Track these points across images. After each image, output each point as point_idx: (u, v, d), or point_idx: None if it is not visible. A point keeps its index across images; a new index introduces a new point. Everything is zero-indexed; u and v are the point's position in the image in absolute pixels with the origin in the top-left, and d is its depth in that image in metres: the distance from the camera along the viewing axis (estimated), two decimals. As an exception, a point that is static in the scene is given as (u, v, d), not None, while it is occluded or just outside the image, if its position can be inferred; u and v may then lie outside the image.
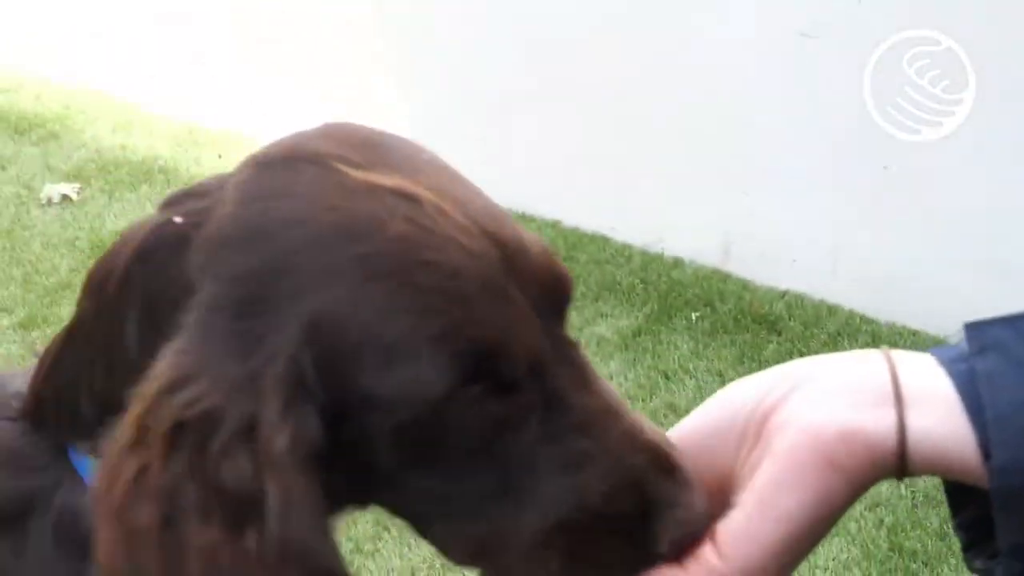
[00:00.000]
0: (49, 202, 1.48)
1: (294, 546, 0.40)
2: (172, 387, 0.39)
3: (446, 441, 0.41)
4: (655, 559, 0.40)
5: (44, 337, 1.33)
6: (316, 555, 0.40)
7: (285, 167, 0.42)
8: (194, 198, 0.42)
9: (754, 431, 0.43)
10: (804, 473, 0.40)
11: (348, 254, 0.40)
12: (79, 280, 1.18)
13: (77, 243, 1.37)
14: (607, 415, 0.42)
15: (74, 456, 0.48)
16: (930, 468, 0.41)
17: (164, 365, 0.39)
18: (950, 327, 0.45)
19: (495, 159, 2.04)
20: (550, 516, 0.41)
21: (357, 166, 0.42)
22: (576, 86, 2.06)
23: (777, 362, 0.43)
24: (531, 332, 0.41)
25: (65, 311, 1.44)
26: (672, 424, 0.44)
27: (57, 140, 1.60)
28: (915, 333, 1.63)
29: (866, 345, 1.68)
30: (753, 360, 1.48)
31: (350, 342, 0.40)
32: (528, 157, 2.18)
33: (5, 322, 1.26)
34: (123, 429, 0.38)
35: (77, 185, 1.52)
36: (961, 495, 0.44)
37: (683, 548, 0.40)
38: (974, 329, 0.42)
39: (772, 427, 0.42)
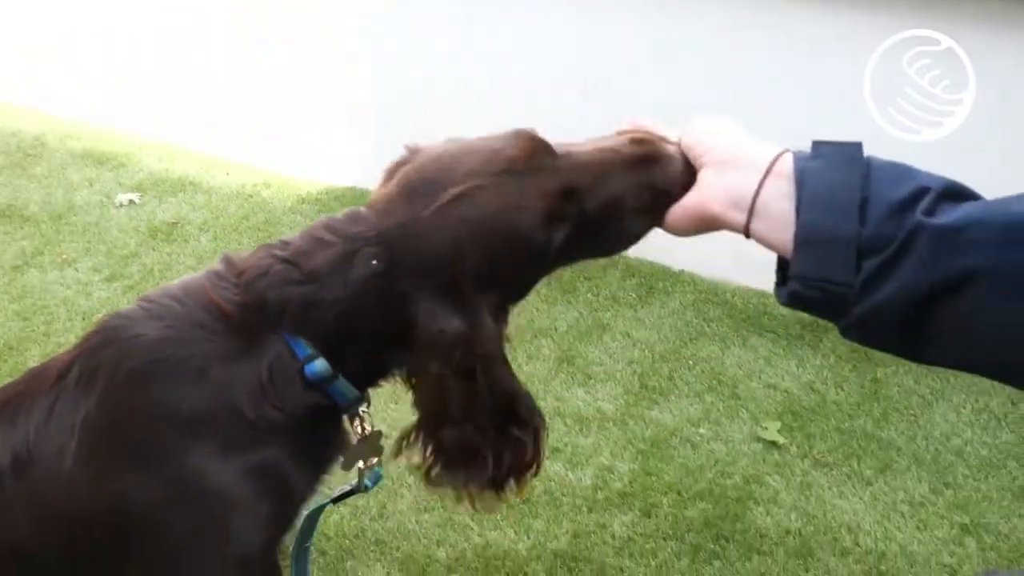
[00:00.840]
0: (120, 204, 2.07)
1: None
2: (455, 342, 0.81)
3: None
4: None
5: (123, 287, 1.86)
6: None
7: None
8: (345, 231, 0.84)
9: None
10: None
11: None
12: (143, 251, 1.91)
13: (138, 229, 1.98)
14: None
15: (287, 335, 0.85)
16: (765, 246, 0.71)
17: (442, 326, 0.82)
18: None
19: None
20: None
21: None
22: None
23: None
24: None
25: (135, 270, 1.87)
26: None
27: (124, 167, 2.20)
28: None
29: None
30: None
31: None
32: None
33: (97, 277, 1.82)
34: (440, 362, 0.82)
35: (138, 194, 2.11)
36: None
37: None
38: (815, 145, 0.70)
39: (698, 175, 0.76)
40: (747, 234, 0.74)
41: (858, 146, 0.72)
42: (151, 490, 0.93)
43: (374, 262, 0.87)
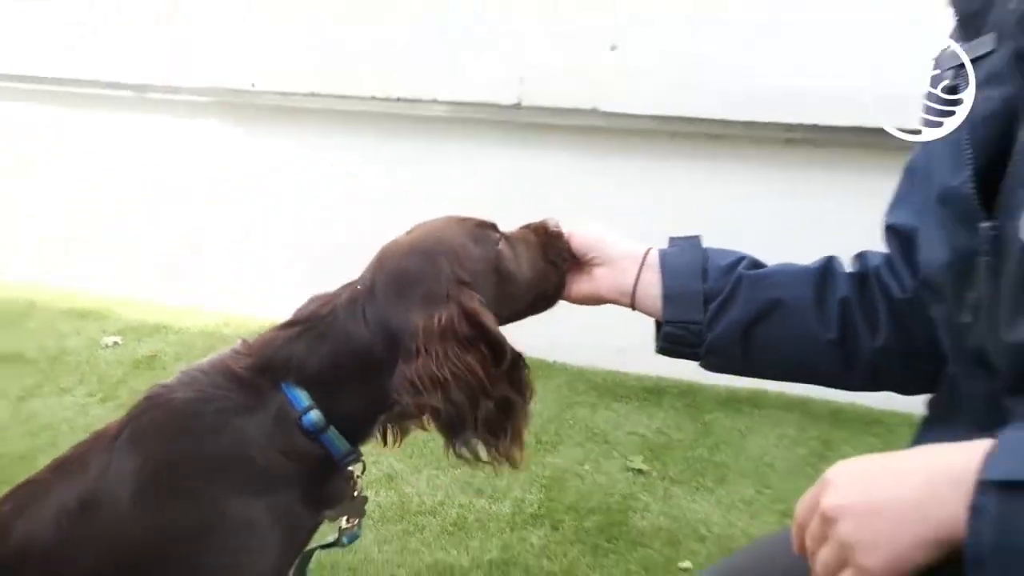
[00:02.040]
0: (106, 346, 2.38)
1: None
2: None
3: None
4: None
5: (115, 406, 2.09)
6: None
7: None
8: (346, 291, 0.97)
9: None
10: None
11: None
12: (129, 378, 2.29)
13: (123, 363, 2.29)
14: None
15: (286, 387, 0.97)
16: (645, 313, 0.95)
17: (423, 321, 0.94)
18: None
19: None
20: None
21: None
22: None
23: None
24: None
25: (123, 392, 2.14)
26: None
27: (106, 318, 2.52)
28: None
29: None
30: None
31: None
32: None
33: (91, 400, 2.12)
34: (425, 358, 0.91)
35: (120, 337, 2.42)
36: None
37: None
38: (671, 239, 0.96)
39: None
40: (632, 308, 1.01)
41: (698, 237, 1.00)
42: (186, 522, 1.06)
43: (359, 286, 1.04)
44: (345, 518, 1.12)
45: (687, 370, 1.10)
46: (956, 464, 0.60)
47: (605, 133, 2.13)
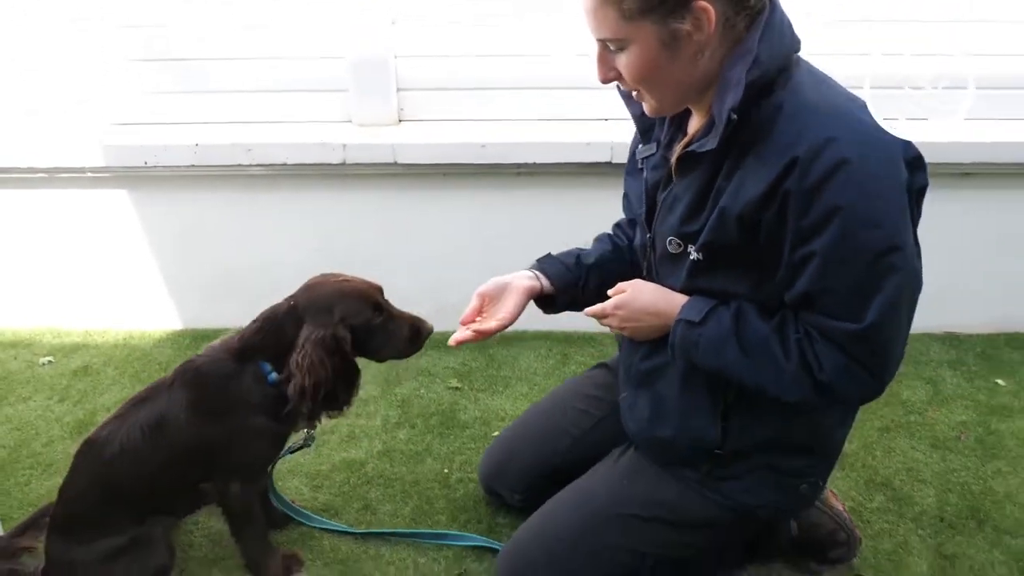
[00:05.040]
0: (43, 364, 2.62)
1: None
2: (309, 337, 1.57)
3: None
4: None
5: (71, 403, 2.49)
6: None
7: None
8: (284, 304, 1.62)
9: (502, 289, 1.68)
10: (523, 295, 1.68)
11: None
12: (72, 383, 2.79)
13: (63, 374, 2.63)
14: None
15: (261, 364, 1.60)
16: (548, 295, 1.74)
17: (304, 334, 1.56)
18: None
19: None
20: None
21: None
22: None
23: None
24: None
25: (74, 392, 2.51)
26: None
27: (31, 345, 2.80)
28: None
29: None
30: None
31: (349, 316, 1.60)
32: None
33: (50, 403, 2.49)
34: (300, 351, 1.55)
35: (51, 357, 2.71)
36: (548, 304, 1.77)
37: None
38: (540, 258, 1.77)
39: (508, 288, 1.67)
40: (540, 295, 1.75)
41: (549, 254, 1.81)
42: (219, 430, 1.63)
43: (292, 302, 1.62)
44: (305, 430, 1.77)
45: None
46: (673, 309, 1.48)
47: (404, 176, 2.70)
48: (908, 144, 1.34)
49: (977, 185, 2.66)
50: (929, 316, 2.48)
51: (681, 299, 1.48)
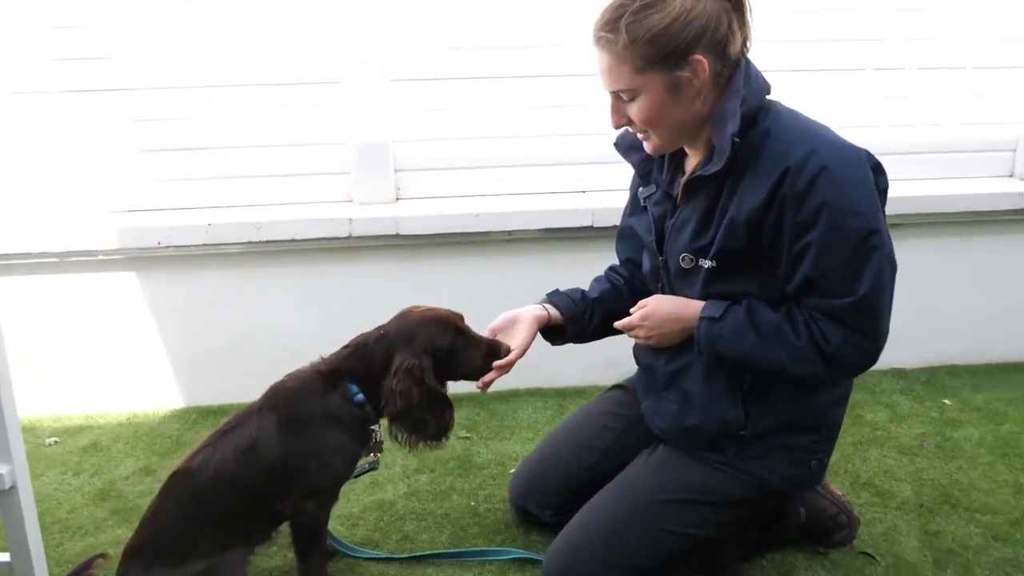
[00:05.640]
0: (50, 444, 2.64)
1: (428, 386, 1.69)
2: (402, 365, 1.68)
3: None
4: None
5: (88, 475, 2.55)
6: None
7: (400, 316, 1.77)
8: (374, 333, 1.76)
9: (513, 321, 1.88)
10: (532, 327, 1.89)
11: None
12: (83, 459, 2.83)
13: (72, 452, 2.65)
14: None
15: (348, 385, 1.72)
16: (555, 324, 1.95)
17: (397, 361, 1.69)
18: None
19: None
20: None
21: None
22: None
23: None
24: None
25: (87, 467, 2.55)
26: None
27: (34, 430, 2.79)
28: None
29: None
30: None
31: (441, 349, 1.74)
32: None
33: (66, 476, 2.57)
34: (394, 376, 1.68)
35: (56, 438, 2.73)
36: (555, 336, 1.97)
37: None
38: (548, 293, 2.00)
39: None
40: (547, 324, 1.95)
41: (556, 290, 2.02)
42: (307, 449, 1.71)
43: (383, 330, 1.74)
44: (372, 454, 1.84)
45: (470, 384, 1.84)
46: (693, 313, 1.71)
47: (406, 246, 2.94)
48: (868, 153, 1.69)
49: (908, 235, 3.09)
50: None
51: (698, 304, 1.72)
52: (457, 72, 2.89)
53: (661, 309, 1.76)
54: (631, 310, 1.80)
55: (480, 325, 1.88)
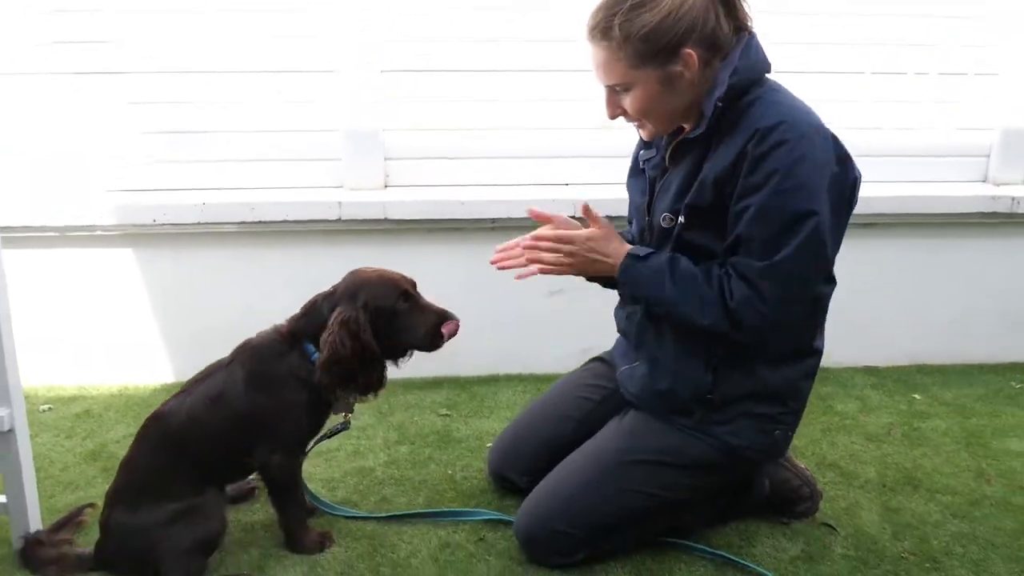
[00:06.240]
0: (43, 411, 2.73)
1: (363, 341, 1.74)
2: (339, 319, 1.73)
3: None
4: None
5: (80, 437, 2.70)
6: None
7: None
8: (325, 292, 1.82)
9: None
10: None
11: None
12: (76, 425, 2.94)
13: (65, 417, 2.71)
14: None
15: (307, 345, 1.80)
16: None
17: (333, 315, 1.74)
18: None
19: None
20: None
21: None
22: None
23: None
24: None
25: (80, 431, 2.65)
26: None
27: (31, 397, 2.90)
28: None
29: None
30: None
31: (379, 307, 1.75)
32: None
33: (61, 437, 2.62)
34: (328, 330, 1.72)
35: (49, 405, 2.81)
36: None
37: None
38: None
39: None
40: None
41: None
42: (271, 402, 1.80)
43: (333, 289, 1.81)
44: (343, 414, 1.92)
45: (453, 367, 2.15)
46: (625, 250, 1.77)
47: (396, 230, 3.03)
48: (836, 140, 1.78)
49: (883, 235, 3.19)
50: (850, 353, 3.06)
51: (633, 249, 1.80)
52: (447, 65, 2.98)
53: (608, 245, 1.80)
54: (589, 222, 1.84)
55: (468, 309, 1.96)
